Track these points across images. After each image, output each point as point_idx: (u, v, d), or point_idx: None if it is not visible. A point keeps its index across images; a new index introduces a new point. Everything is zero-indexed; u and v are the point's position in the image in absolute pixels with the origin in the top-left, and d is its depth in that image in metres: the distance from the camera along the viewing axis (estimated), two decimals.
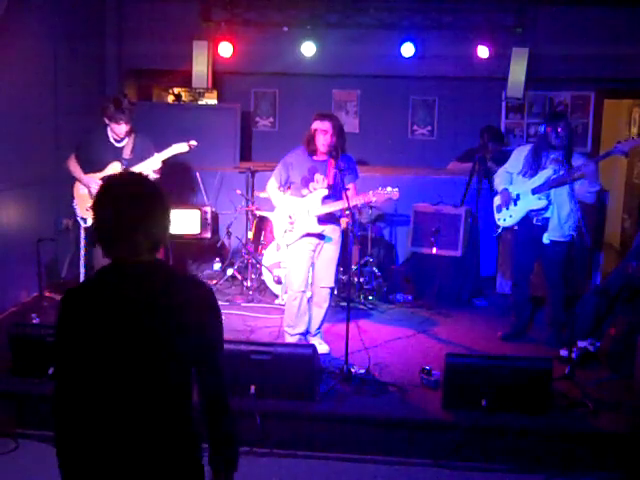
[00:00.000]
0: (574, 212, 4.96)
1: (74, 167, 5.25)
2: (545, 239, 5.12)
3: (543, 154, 5.10)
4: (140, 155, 5.15)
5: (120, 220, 1.97)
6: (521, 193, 5.19)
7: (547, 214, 5.10)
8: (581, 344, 5.07)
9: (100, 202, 2.02)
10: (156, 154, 5.18)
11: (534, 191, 5.11)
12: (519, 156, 5.27)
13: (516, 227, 5.33)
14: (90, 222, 5.21)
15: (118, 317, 1.98)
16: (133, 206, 1.97)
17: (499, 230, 5.48)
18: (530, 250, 5.27)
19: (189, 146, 5.28)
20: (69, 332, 2.03)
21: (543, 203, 5.08)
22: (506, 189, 5.26)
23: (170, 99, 9.64)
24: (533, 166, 5.13)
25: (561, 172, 4.94)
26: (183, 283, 2.08)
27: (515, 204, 5.22)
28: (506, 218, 5.30)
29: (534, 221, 5.16)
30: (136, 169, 5.04)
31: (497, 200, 5.44)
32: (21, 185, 6.03)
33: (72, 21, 6.88)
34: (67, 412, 2.02)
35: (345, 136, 4.97)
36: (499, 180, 5.40)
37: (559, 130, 4.97)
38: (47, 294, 6.18)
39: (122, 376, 2.00)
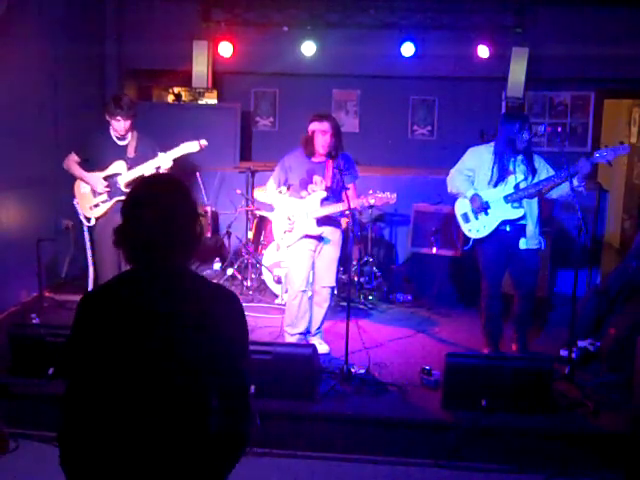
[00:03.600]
0: (539, 218, 4.87)
1: (74, 166, 5.19)
2: (522, 245, 4.81)
3: (509, 158, 4.78)
4: (144, 154, 5.12)
5: (151, 226, 1.90)
6: (490, 201, 4.81)
7: (523, 221, 4.80)
8: (581, 344, 5.07)
9: (131, 206, 1.95)
10: (168, 152, 5.11)
11: (507, 199, 4.78)
12: (476, 157, 4.90)
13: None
14: (93, 221, 5.19)
15: (137, 325, 1.90)
16: (165, 212, 1.91)
17: (470, 243, 4.96)
18: (503, 259, 4.90)
19: (200, 145, 5.12)
20: (84, 338, 1.94)
21: (520, 212, 4.77)
22: (477, 194, 4.83)
23: (170, 99, 9.64)
24: (501, 172, 4.78)
25: (529, 178, 4.74)
26: (210, 294, 1.99)
27: (486, 213, 4.83)
28: (479, 229, 4.87)
29: (507, 229, 4.83)
30: (141, 168, 5.02)
31: (462, 207, 4.98)
32: (21, 185, 6.03)
33: (72, 21, 6.88)
34: (78, 417, 1.94)
35: (342, 136, 4.96)
36: (460, 184, 4.92)
37: (525, 132, 4.70)
38: (47, 294, 6.19)
39: (137, 387, 1.91)
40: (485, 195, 4.86)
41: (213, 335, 1.92)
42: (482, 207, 4.83)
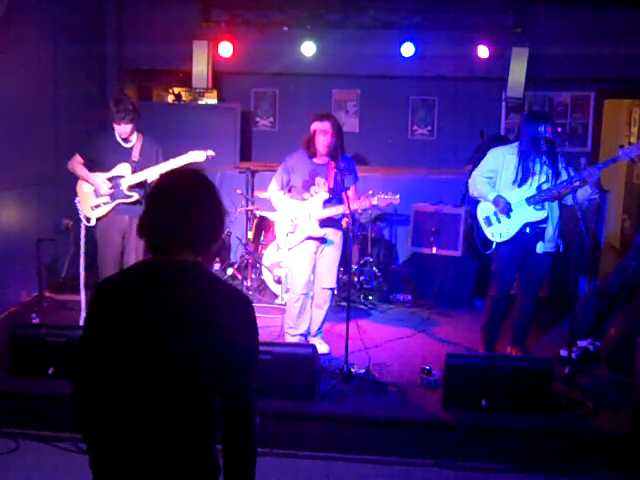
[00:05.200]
0: (559, 220, 4.81)
1: (78, 167, 5.14)
2: (539, 249, 4.73)
3: (533, 159, 4.70)
4: (148, 157, 5.09)
5: (166, 215, 1.92)
6: (513, 203, 4.73)
7: (544, 224, 4.73)
8: (581, 344, 5.07)
9: (152, 196, 1.99)
10: (172, 160, 5.04)
11: (529, 201, 4.71)
12: (498, 159, 4.82)
13: None
14: (94, 222, 5.16)
15: (143, 317, 1.89)
16: (183, 204, 1.93)
17: (493, 246, 4.86)
18: (518, 262, 4.83)
19: (207, 156, 5.06)
20: (95, 326, 1.95)
21: (543, 214, 4.69)
22: (501, 196, 4.74)
23: (170, 99, 9.63)
24: (524, 173, 4.70)
25: (552, 180, 4.68)
26: (222, 294, 1.94)
27: (508, 216, 4.74)
28: (502, 232, 4.78)
29: (527, 230, 4.75)
30: (145, 174, 5.00)
31: (484, 211, 4.89)
32: (21, 185, 6.03)
33: (72, 21, 6.89)
34: (87, 410, 1.96)
35: (343, 136, 4.96)
36: (481, 187, 4.85)
37: (549, 132, 4.62)
38: (47, 294, 6.18)
39: (142, 380, 1.90)
40: (507, 197, 4.77)
41: (215, 335, 1.88)
42: (506, 209, 4.73)
